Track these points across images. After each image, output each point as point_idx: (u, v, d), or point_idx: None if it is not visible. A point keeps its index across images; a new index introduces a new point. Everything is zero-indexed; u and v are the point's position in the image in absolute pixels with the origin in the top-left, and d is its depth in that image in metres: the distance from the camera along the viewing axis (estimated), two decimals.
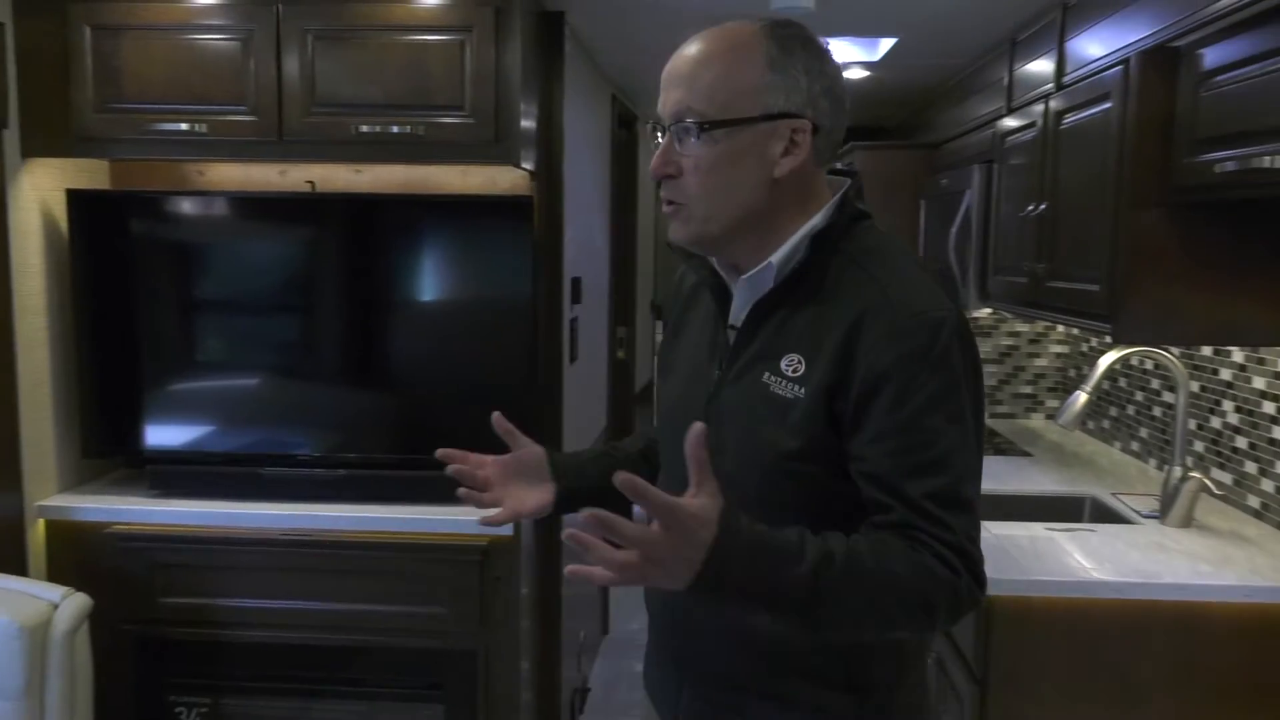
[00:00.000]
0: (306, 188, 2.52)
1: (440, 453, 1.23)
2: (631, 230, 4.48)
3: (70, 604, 1.92)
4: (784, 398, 1.09)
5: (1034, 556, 1.99)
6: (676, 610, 1.23)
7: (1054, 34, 2.28)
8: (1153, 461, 2.83)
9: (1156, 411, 2.82)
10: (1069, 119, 2.16)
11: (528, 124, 2.30)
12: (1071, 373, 3.50)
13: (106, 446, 2.45)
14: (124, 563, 2.29)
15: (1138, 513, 2.33)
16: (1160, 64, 1.79)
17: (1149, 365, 2.89)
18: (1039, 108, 2.33)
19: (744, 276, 1.15)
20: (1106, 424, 3.18)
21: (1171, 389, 2.74)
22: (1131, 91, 1.82)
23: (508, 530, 2.27)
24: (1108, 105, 1.94)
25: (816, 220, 1.13)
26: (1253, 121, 1.55)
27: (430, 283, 2.44)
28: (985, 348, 3.67)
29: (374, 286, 2.42)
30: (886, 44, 2.98)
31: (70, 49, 2.23)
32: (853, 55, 3.19)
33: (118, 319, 2.37)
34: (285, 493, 2.35)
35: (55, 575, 2.27)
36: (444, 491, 2.36)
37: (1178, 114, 1.77)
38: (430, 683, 2.35)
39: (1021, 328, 3.66)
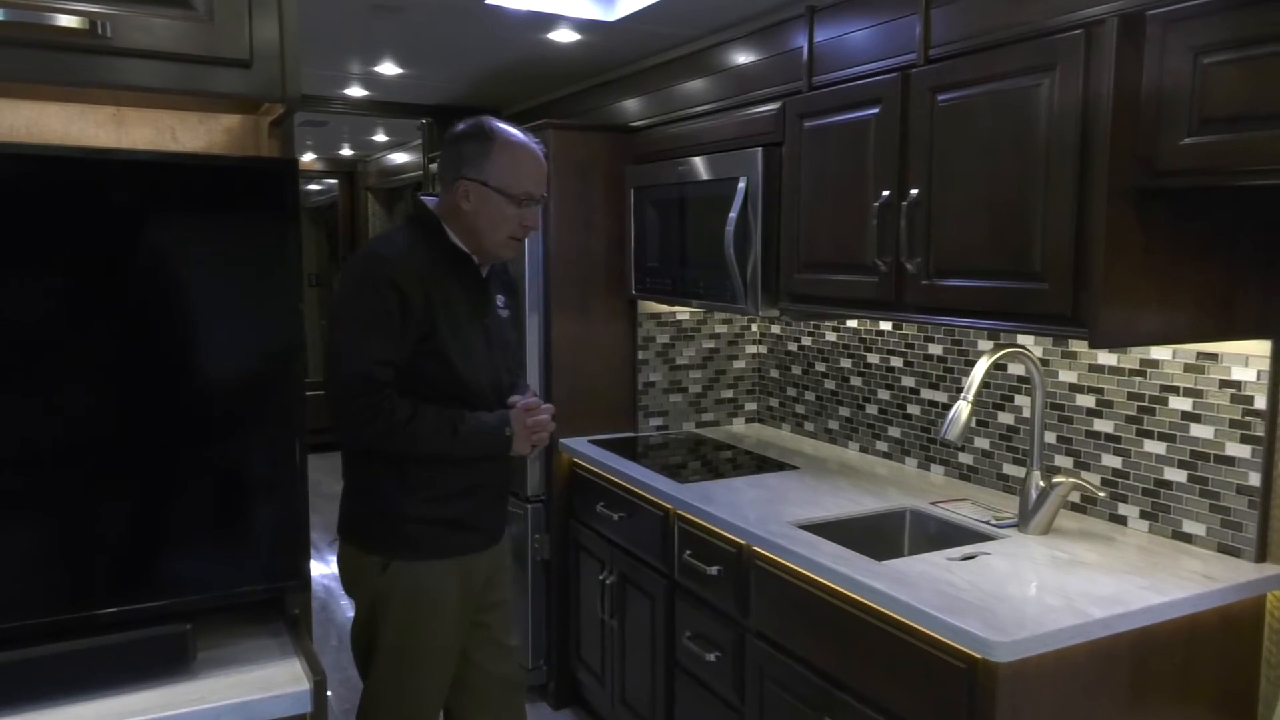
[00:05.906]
0: None
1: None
2: None
3: None
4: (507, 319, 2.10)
5: (994, 601, 1.70)
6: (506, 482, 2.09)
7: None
8: (911, 460, 2.78)
9: (913, 410, 2.76)
10: (951, 95, 1.90)
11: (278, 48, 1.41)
12: (774, 373, 3.38)
13: None
14: None
15: (987, 523, 2.19)
16: (1134, 31, 1.59)
17: (895, 364, 2.83)
18: (887, 80, 2.05)
19: (490, 266, 2.04)
20: (834, 425, 3.08)
21: (933, 386, 2.71)
22: (1104, 61, 1.60)
23: (303, 704, 1.38)
24: (1044, 77, 1.71)
25: None
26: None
27: (161, 299, 1.40)
28: (689, 351, 3.40)
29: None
30: (637, 3, 2.49)
31: None
32: (580, 11, 2.65)
33: None
34: None
35: None
36: (184, 660, 1.37)
37: (1159, 89, 1.58)
38: None
39: (720, 329, 3.45)
